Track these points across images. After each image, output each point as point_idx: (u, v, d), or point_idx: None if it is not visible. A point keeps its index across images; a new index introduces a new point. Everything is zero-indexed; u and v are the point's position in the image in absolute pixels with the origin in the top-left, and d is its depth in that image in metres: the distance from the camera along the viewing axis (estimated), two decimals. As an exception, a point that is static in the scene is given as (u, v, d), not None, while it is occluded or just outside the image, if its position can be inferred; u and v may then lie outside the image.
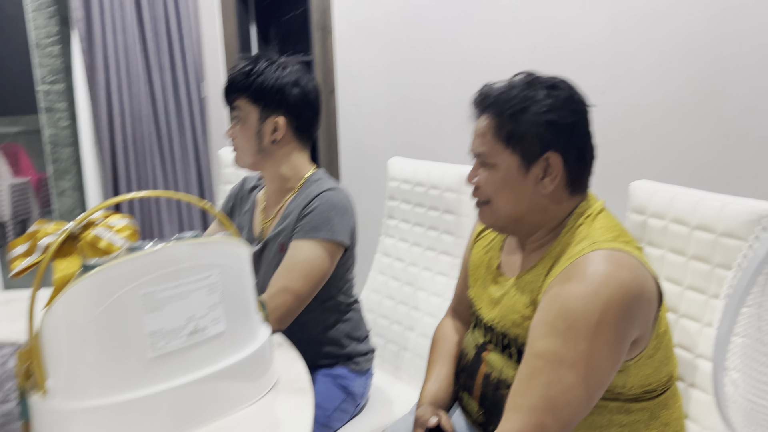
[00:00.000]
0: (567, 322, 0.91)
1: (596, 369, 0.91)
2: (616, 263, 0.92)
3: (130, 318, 0.85)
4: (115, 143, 2.73)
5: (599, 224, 1.01)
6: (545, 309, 0.95)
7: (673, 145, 1.71)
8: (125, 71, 2.71)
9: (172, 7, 2.80)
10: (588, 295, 0.90)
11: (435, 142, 2.28)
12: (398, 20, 2.29)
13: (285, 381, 1.05)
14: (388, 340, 1.76)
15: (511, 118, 1.00)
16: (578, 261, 0.94)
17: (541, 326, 0.94)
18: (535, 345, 0.94)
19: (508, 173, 1.02)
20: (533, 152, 1.00)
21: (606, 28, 1.79)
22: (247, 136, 1.40)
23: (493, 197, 1.04)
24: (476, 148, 1.06)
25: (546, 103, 0.99)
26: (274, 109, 1.39)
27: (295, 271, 1.30)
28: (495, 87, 1.05)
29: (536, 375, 0.92)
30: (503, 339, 1.06)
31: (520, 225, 1.06)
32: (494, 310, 1.10)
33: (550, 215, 1.05)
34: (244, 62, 1.40)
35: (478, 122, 1.06)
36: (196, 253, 0.90)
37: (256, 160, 1.42)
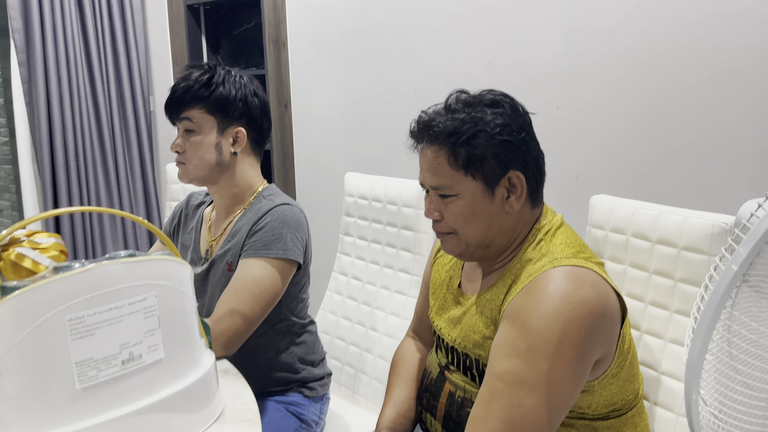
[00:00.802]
0: (527, 342, 0.87)
1: (558, 390, 0.87)
2: (576, 280, 0.89)
3: (56, 346, 0.77)
4: (56, 160, 2.59)
5: (559, 240, 0.99)
6: (506, 328, 0.91)
7: (631, 159, 1.72)
8: (67, 84, 2.58)
9: (118, 19, 2.70)
10: (549, 314, 0.87)
11: (392, 157, 2.24)
12: (354, 35, 2.25)
13: (231, 411, 0.97)
14: (345, 362, 1.69)
15: (466, 144, 0.95)
16: (538, 278, 0.91)
17: (502, 346, 0.90)
18: (496, 366, 0.90)
19: (474, 200, 0.97)
20: (495, 174, 0.96)
21: (560, 43, 1.79)
22: (204, 148, 1.31)
23: (459, 228, 0.99)
24: (432, 181, 0.99)
25: (496, 122, 0.96)
26: (234, 119, 1.33)
27: (244, 292, 1.22)
28: (434, 115, 0.99)
29: (496, 397, 0.88)
30: (465, 360, 1.02)
31: (489, 250, 1.01)
32: (455, 330, 1.05)
33: (516, 233, 1.01)
34: (198, 71, 1.32)
35: (424, 154, 1.00)
36: (130, 273, 0.82)
37: (211, 173, 1.33)
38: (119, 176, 2.76)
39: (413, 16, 2.09)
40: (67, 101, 2.58)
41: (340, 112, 2.36)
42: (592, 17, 1.73)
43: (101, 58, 2.69)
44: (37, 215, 0.82)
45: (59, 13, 2.53)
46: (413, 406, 1.15)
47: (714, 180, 1.59)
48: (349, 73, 2.30)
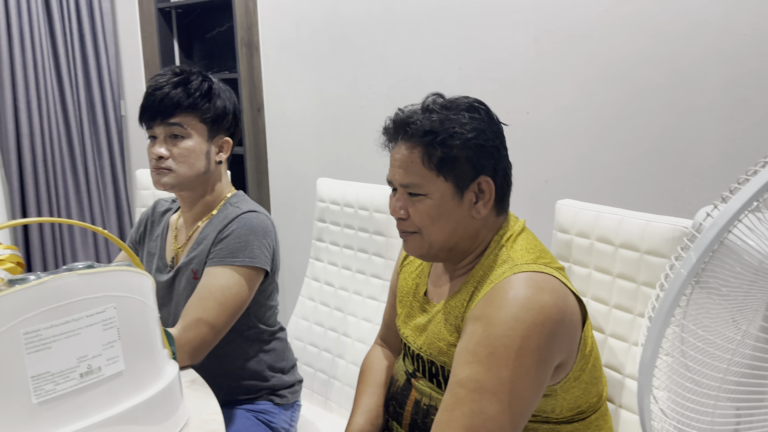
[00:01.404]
0: (488, 349, 0.88)
1: (519, 397, 0.88)
2: (536, 286, 0.90)
3: (11, 360, 0.75)
4: (24, 165, 2.55)
5: (519, 246, 0.99)
6: (467, 336, 0.91)
7: (597, 164, 1.74)
8: (35, 89, 2.54)
9: (87, 22, 2.66)
10: (509, 321, 0.87)
11: (364, 163, 2.24)
12: (326, 39, 2.25)
13: (196, 421, 0.96)
14: (317, 369, 1.68)
15: (441, 144, 0.95)
16: (499, 285, 0.92)
17: (464, 353, 0.91)
18: (458, 373, 0.90)
19: (442, 201, 0.97)
20: (466, 177, 0.97)
21: (529, 49, 1.81)
22: (195, 155, 1.30)
23: (425, 228, 0.99)
24: (402, 179, 0.99)
25: (472, 126, 0.96)
26: (223, 129, 1.35)
27: (210, 300, 1.21)
28: (411, 113, 1.00)
29: (459, 405, 0.88)
30: (431, 367, 1.02)
31: (451, 253, 1.02)
32: (420, 338, 1.05)
33: (480, 239, 1.02)
34: (197, 78, 1.31)
35: (397, 151, 1.00)
36: (88, 285, 0.81)
37: (196, 180, 1.32)
38: (89, 182, 2.72)
39: (385, 21, 2.09)
40: (35, 106, 2.54)
41: (313, 116, 2.35)
42: (560, 23, 1.75)
43: (70, 62, 2.65)
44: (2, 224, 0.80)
45: (26, 16, 2.49)
46: (380, 414, 1.15)
47: (679, 184, 1.62)
48: (321, 77, 2.30)
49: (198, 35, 2.79)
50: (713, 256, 0.66)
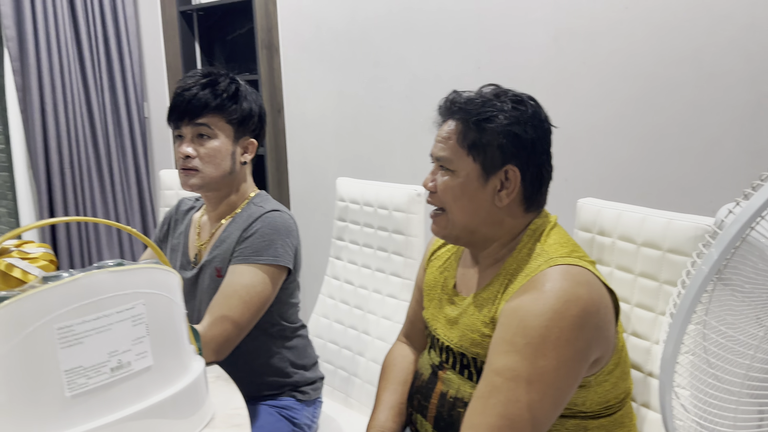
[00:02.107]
0: (525, 339, 0.89)
1: (555, 387, 0.89)
2: (572, 279, 0.92)
3: (45, 354, 0.78)
4: (51, 167, 2.60)
5: (553, 240, 1.01)
6: (504, 326, 0.93)
7: (618, 162, 1.73)
8: (61, 92, 2.59)
9: (111, 26, 2.71)
10: (546, 312, 0.89)
11: (383, 162, 2.25)
12: (345, 39, 2.27)
13: (221, 416, 0.98)
14: (337, 366, 1.70)
15: (476, 125, 0.99)
16: (536, 278, 0.93)
17: (500, 343, 0.92)
18: (494, 362, 0.92)
19: (467, 181, 1.00)
20: (494, 163, 0.99)
21: (549, 47, 1.81)
22: (222, 155, 1.33)
23: (449, 205, 1.02)
24: (437, 152, 1.04)
25: (512, 115, 0.99)
26: (249, 131, 1.37)
27: (235, 298, 1.23)
28: (463, 94, 1.04)
29: (494, 393, 0.90)
30: (461, 359, 1.03)
31: (474, 236, 1.04)
32: (452, 331, 1.06)
33: (505, 230, 1.03)
34: (224, 80, 1.33)
35: (442, 127, 1.05)
36: (118, 282, 0.83)
37: (222, 180, 1.35)
38: (114, 182, 2.77)
39: (404, 21, 2.10)
40: (61, 108, 2.59)
41: (332, 116, 2.37)
42: (580, 20, 1.74)
43: (95, 65, 2.70)
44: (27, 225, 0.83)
45: (52, 21, 2.54)
46: (403, 411, 1.16)
47: (701, 181, 1.60)
48: (340, 77, 2.31)
49: (219, 37, 2.83)
50: (735, 253, 0.66)
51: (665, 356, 0.68)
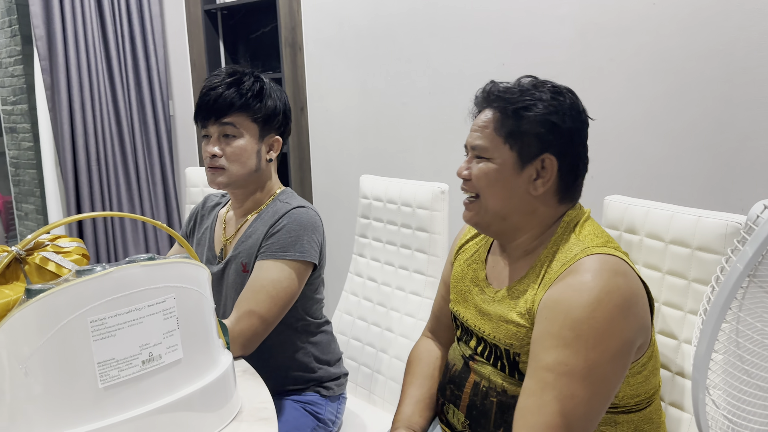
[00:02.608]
0: (574, 332, 0.89)
1: (606, 379, 0.90)
2: (611, 269, 0.92)
3: (78, 347, 0.79)
4: (79, 164, 2.65)
5: (587, 230, 1.01)
6: (548, 320, 0.92)
7: (645, 158, 1.71)
8: (89, 90, 2.64)
9: (137, 25, 2.75)
10: (591, 303, 0.89)
11: (406, 159, 2.25)
12: (368, 37, 2.27)
13: (249, 410, 0.99)
14: (361, 363, 1.71)
15: (514, 114, 0.99)
16: (574, 268, 0.93)
17: (547, 338, 0.91)
18: (543, 358, 0.91)
19: (502, 168, 1.01)
20: (531, 152, 1.00)
21: (575, 43, 1.79)
22: (247, 154, 1.34)
23: (483, 191, 1.03)
24: (473, 141, 1.04)
25: (550, 104, 1.00)
26: (274, 128, 1.38)
27: (262, 293, 1.25)
28: (501, 84, 1.05)
29: (548, 390, 0.89)
30: (495, 350, 1.03)
31: (505, 224, 1.04)
32: (485, 322, 1.06)
33: (537, 220, 1.03)
34: (249, 78, 1.34)
35: (479, 116, 1.06)
36: (149, 276, 0.84)
37: (248, 178, 1.36)
38: (140, 180, 2.81)
39: (427, 18, 2.10)
40: (88, 106, 2.64)
41: (355, 114, 2.38)
42: (606, 16, 1.72)
43: (121, 63, 2.74)
44: (61, 220, 0.85)
45: (80, 20, 2.58)
46: (429, 405, 1.16)
47: (731, 179, 1.58)
48: (363, 74, 2.32)
49: (243, 36, 2.85)
50: (771, 250, 0.65)
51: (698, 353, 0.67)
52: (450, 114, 2.11)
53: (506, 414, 1.00)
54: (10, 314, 0.78)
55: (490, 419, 1.01)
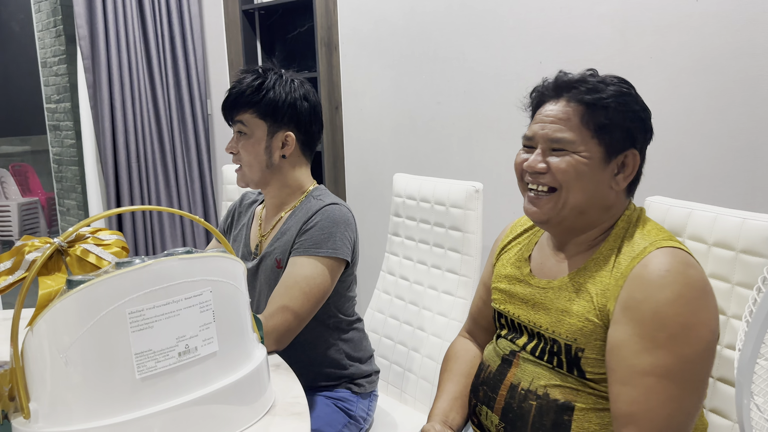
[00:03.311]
0: (666, 332, 0.88)
1: (704, 374, 0.89)
2: (684, 262, 0.92)
3: (117, 338, 0.81)
4: (119, 161, 2.71)
5: (650, 225, 1.01)
6: (635, 321, 0.90)
7: (686, 159, 1.67)
8: (129, 89, 2.70)
9: (177, 25, 2.80)
10: (676, 299, 0.88)
11: (440, 158, 2.24)
12: (403, 36, 2.27)
13: (281, 404, 1.00)
14: (392, 361, 1.70)
15: (605, 108, 0.98)
16: (646, 261, 0.92)
17: (637, 341, 0.90)
18: (637, 362, 0.90)
19: (589, 162, 0.98)
20: (618, 146, 0.99)
21: (615, 41, 1.76)
22: (255, 151, 1.35)
23: (567, 185, 0.99)
24: (552, 134, 0.99)
25: (637, 100, 1.00)
26: (284, 123, 1.36)
27: (295, 289, 1.25)
28: (581, 75, 1.02)
29: (651, 395, 0.88)
30: (552, 346, 1.01)
31: (581, 219, 1.02)
32: (542, 317, 1.04)
33: (610, 214, 1.02)
34: (251, 76, 1.36)
35: (551, 108, 1.01)
36: (187, 269, 0.85)
37: (263, 176, 1.38)
38: (178, 177, 2.86)
39: (464, 17, 2.09)
40: (129, 105, 2.70)
41: (390, 113, 2.38)
42: (648, 13, 1.69)
43: (161, 63, 2.79)
44: (102, 213, 0.86)
45: (122, 20, 2.64)
46: (465, 403, 1.15)
47: (777, 180, 1.53)
48: (398, 74, 2.32)
49: (280, 36, 2.87)
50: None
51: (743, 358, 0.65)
52: (486, 113, 2.09)
53: (545, 418, 0.98)
54: (52, 304, 0.80)
55: (528, 423, 1.00)
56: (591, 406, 0.97)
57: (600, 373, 0.96)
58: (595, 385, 0.97)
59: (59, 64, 4.37)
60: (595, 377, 0.97)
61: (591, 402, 0.97)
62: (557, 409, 0.98)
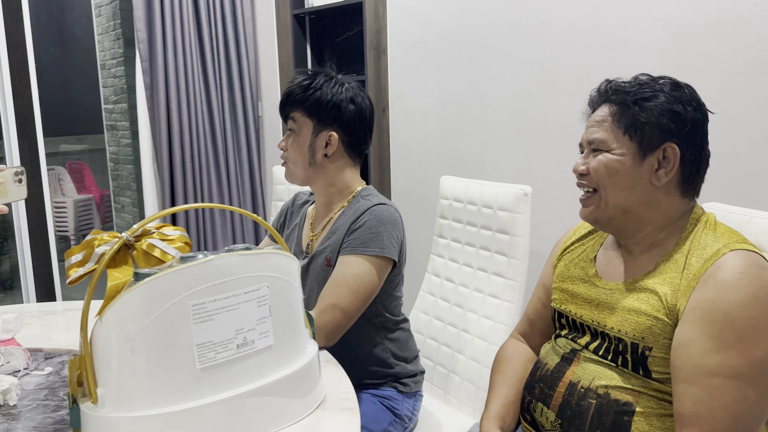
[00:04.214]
0: (736, 333, 0.88)
1: None
2: (758, 265, 0.91)
3: (180, 329, 0.85)
4: (174, 160, 2.80)
5: (723, 228, 1.00)
6: (705, 321, 0.91)
7: (744, 165, 1.63)
8: (185, 91, 2.79)
9: (231, 29, 2.88)
10: (750, 301, 0.88)
11: (487, 161, 2.24)
12: (452, 39, 2.28)
13: (332, 399, 1.03)
14: (437, 362, 1.72)
15: (634, 105, 1.00)
16: (720, 264, 0.92)
17: (706, 340, 0.90)
18: (705, 362, 0.90)
19: (623, 160, 1.01)
20: (652, 142, 1.00)
21: (668, 44, 1.73)
22: (300, 148, 1.41)
23: (602, 184, 1.03)
24: (590, 135, 1.05)
25: (672, 95, 1.00)
26: (328, 123, 1.40)
27: (344, 287, 1.28)
28: (617, 81, 1.06)
29: (718, 395, 0.89)
30: (618, 345, 1.02)
31: (627, 218, 1.03)
32: (607, 316, 1.04)
33: (662, 212, 1.02)
34: (302, 76, 1.42)
35: (595, 113, 1.06)
36: (246, 265, 0.89)
37: (307, 173, 1.42)
38: (230, 176, 2.94)
39: (512, 19, 2.08)
40: (184, 106, 2.79)
41: (436, 115, 2.39)
42: (703, 16, 1.65)
43: (215, 66, 2.88)
44: (167, 209, 0.91)
45: (179, 24, 2.74)
46: (518, 406, 1.16)
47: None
48: (445, 77, 2.33)
49: (329, 40, 2.92)
50: None
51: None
52: (534, 116, 2.09)
53: (604, 417, 0.99)
54: (119, 296, 0.84)
55: (586, 421, 1.00)
56: (654, 411, 0.97)
57: (667, 373, 0.96)
58: (660, 385, 0.97)
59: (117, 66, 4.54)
60: (661, 377, 0.97)
61: (653, 404, 0.97)
62: (618, 410, 0.98)
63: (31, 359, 1.21)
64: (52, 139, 4.88)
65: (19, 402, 1.05)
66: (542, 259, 1.92)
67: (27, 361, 1.19)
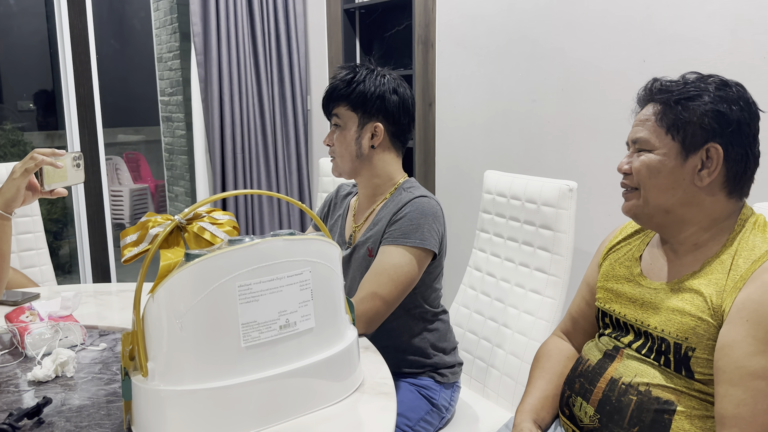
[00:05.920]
0: None
1: None
2: None
3: (226, 308, 0.88)
4: (225, 152, 2.89)
5: None
6: (750, 323, 0.90)
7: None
8: (237, 84, 2.86)
9: (283, 24, 2.94)
10: None
11: (533, 156, 2.22)
12: (500, 33, 2.27)
13: (370, 383, 1.05)
14: (476, 356, 1.72)
15: (677, 104, 1.00)
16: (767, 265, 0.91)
17: (752, 342, 0.90)
18: (749, 364, 0.89)
19: (664, 159, 1.00)
20: (695, 141, 0.99)
21: (724, 40, 1.68)
22: (347, 142, 1.43)
23: (644, 182, 1.03)
24: (634, 135, 1.05)
25: (716, 95, 0.99)
26: (373, 115, 1.42)
27: (384, 276, 1.31)
28: (664, 79, 1.06)
29: (760, 398, 0.88)
30: (661, 344, 1.01)
31: (668, 217, 1.03)
32: (651, 315, 1.04)
33: (705, 212, 1.01)
34: (344, 71, 1.44)
35: (641, 112, 1.06)
36: (290, 249, 0.92)
37: (354, 166, 1.45)
38: (278, 167, 3.02)
39: (564, 14, 2.06)
40: (236, 99, 2.86)
41: (483, 110, 2.38)
42: (762, 11, 1.60)
43: (267, 60, 2.95)
44: (217, 195, 0.95)
45: (233, 18, 2.81)
46: (556, 403, 1.16)
47: None
48: (493, 72, 2.32)
49: (378, 34, 2.95)
50: None
51: None
52: (583, 111, 2.06)
53: (644, 414, 0.99)
54: (171, 275, 0.88)
55: (625, 417, 1.00)
56: (696, 411, 0.96)
57: (710, 374, 0.95)
58: (703, 386, 0.96)
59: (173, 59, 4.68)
60: (704, 378, 0.96)
61: (695, 405, 0.96)
62: (658, 407, 0.98)
63: (87, 335, 1.28)
64: (110, 130, 5.07)
65: (75, 374, 1.11)
66: (586, 256, 1.90)
67: (83, 336, 1.26)
